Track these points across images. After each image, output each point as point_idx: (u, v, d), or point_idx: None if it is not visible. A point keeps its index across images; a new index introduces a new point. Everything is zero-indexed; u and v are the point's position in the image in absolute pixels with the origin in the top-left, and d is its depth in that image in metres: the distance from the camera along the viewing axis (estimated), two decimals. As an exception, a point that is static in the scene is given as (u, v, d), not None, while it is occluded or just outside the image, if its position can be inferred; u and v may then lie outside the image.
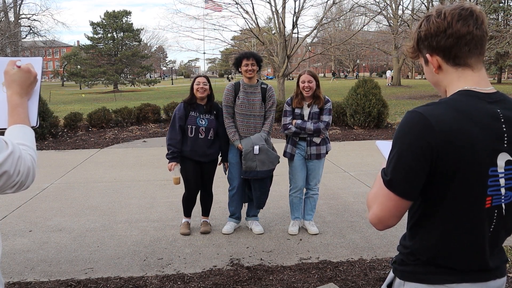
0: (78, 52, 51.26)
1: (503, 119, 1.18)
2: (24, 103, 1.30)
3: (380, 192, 1.23)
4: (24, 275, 3.54)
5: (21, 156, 1.15)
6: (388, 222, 1.23)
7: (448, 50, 1.20)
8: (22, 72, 1.31)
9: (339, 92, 25.20)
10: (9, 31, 30.53)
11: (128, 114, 12.84)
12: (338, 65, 71.30)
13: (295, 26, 16.65)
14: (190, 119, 4.23)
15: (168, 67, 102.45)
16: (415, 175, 1.17)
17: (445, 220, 1.21)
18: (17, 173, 1.13)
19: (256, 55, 4.29)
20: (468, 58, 1.21)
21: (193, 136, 4.22)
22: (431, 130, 1.13)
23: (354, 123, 11.68)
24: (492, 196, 1.19)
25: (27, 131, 1.26)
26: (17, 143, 1.19)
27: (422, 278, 1.26)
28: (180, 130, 4.22)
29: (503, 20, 35.12)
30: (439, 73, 1.26)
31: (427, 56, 1.25)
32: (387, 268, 3.53)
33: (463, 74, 1.22)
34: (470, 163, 1.15)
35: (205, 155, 4.27)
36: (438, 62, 1.24)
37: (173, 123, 4.25)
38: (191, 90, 4.32)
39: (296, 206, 4.40)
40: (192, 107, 4.27)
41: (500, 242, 1.28)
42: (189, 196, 4.41)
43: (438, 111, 1.16)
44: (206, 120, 4.26)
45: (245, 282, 3.35)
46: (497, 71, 39.78)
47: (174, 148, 4.19)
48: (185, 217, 4.51)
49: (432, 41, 1.22)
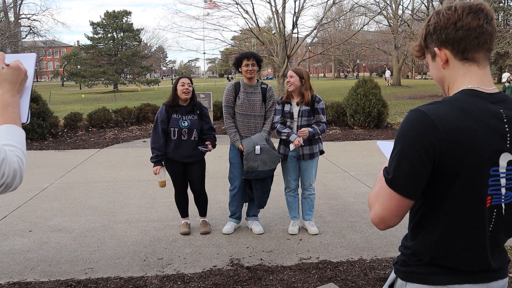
0: (78, 52, 51.23)
1: (506, 119, 1.18)
2: (15, 102, 1.27)
3: (382, 191, 1.22)
4: (24, 275, 3.54)
5: (5, 158, 1.12)
6: (390, 222, 1.23)
7: (458, 43, 1.20)
8: (12, 70, 1.28)
9: (339, 92, 25.21)
10: (9, 31, 30.54)
11: (128, 114, 12.84)
12: (338, 65, 71.28)
13: (295, 26, 16.66)
14: (173, 122, 4.20)
15: (168, 67, 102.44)
16: (418, 174, 1.16)
17: (447, 220, 1.21)
18: (1, 175, 1.11)
19: (256, 55, 4.29)
20: (477, 52, 1.20)
21: (176, 139, 4.21)
22: (434, 130, 1.13)
23: (354, 123, 11.68)
24: (492, 195, 1.19)
25: (15, 131, 1.23)
26: (4, 144, 1.17)
27: (424, 278, 1.26)
28: (163, 133, 4.20)
29: (503, 20, 35.13)
30: (445, 68, 1.25)
31: (435, 50, 1.24)
32: (387, 268, 3.53)
33: (469, 71, 1.22)
34: (473, 163, 1.14)
35: (189, 156, 4.26)
36: (446, 55, 1.23)
37: (155, 126, 4.24)
38: (174, 90, 4.26)
39: (292, 204, 4.41)
40: (173, 109, 4.23)
41: (501, 243, 1.28)
42: (179, 195, 4.42)
43: (441, 110, 1.15)
44: (189, 121, 4.23)
45: (245, 282, 3.35)
46: (497, 71, 39.79)
47: (158, 151, 4.19)
48: (183, 219, 4.52)
49: (442, 33, 1.21)
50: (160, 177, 4.23)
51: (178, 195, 4.43)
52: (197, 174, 4.38)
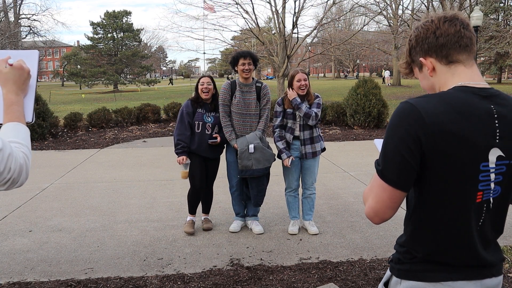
0: (78, 52, 51.25)
1: (496, 115, 1.20)
2: (19, 100, 1.29)
3: (375, 183, 1.25)
4: (24, 275, 3.54)
5: (12, 153, 1.15)
6: (384, 215, 1.25)
7: (440, 49, 1.25)
8: (15, 70, 1.30)
9: (339, 92, 25.22)
10: (9, 31, 30.54)
11: (128, 114, 12.85)
12: (338, 65, 71.28)
13: (295, 26, 16.64)
14: (197, 116, 4.31)
15: (168, 67, 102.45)
16: (406, 165, 1.18)
17: (437, 215, 1.23)
18: (8, 170, 1.13)
19: (252, 55, 4.29)
20: (460, 54, 1.25)
21: (200, 132, 4.29)
22: (421, 122, 1.15)
23: (354, 123, 11.68)
24: (483, 191, 1.21)
25: (21, 128, 1.26)
26: (10, 140, 1.19)
27: (419, 276, 1.27)
28: (189, 125, 4.28)
29: (503, 20, 35.14)
30: (433, 75, 1.29)
31: (421, 60, 1.29)
32: (387, 268, 3.53)
33: (457, 71, 1.25)
34: (461, 157, 1.16)
35: (210, 151, 4.33)
36: (432, 63, 1.27)
37: (181, 119, 4.31)
38: (196, 89, 4.39)
39: (292, 204, 4.41)
40: (198, 105, 4.34)
41: (491, 237, 1.29)
42: (195, 192, 4.42)
43: (430, 104, 1.18)
44: (212, 117, 4.35)
45: (245, 282, 3.35)
46: (497, 71, 39.77)
47: (184, 142, 4.25)
48: (190, 215, 4.50)
49: (424, 44, 1.27)
50: (184, 167, 4.26)
51: (194, 189, 4.41)
52: (212, 171, 4.46)
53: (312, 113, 4.15)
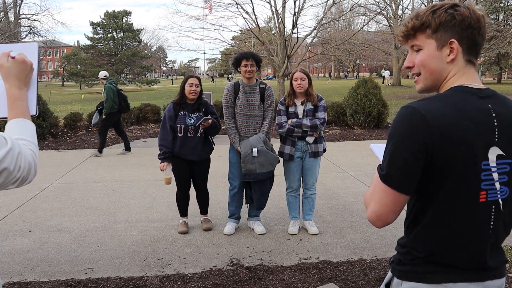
0: (78, 52, 51.19)
1: (494, 114, 1.21)
2: (23, 95, 1.27)
3: (377, 188, 1.24)
4: (24, 275, 3.54)
5: (21, 151, 1.13)
6: (387, 219, 1.24)
7: (474, 47, 1.24)
8: (18, 64, 1.27)
9: (339, 92, 25.21)
10: (9, 31, 30.53)
11: (128, 114, 12.83)
12: (338, 65, 71.28)
13: (295, 26, 16.63)
14: (179, 119, 4.25)
15: (168, 67, 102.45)
16: (411, 169, 1.18)
17: (441, 215, 1.22)
18: (18, 169, 1.12)
19: (255, 56, 4.28)
20: (476, 57, 1.27)
21: (182, 135, 4.24)
22: (426, 125, 1.15)
23: (354, 123, 11.68)
24: (486, 190, 1.20)
25: (26, 125, 1.24)
26: (17, 138, 1.18)
27: (420, 277, 1.27)
28: (171, 130, 4.24)
29: (504, 20, 35.14)
30: (451, 62, 1.24)
31: (453, 41, 1.22)
32: (387, 268, 3.53)
33: (468, 70, 1.25)
34: (464, 157, 1.16)
35: (195, 154, 4.28)
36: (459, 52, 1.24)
37: (163, 123, 4.28)
38: (182, 89, 4.29)
39: (292, 205, 4.40)
40: (181, 107, 4.28)
41: (501, 241, 1.28)
42: (182, 194, 4.44)
43: (432, 106, 1.17)
44: (195, 118, 4.27)
45: (245, 282, 3.34)
46: (499, 71, 39.76)
47: (166, 148, 4.22)
48: (181, 217, 4.53)
49: (467, 31, 1.21)
50: (166, 173, 4.24)
51: (180, 193, 4.44)
52: (201, 173, 4.42)
53: (317, 122, 4.15)
